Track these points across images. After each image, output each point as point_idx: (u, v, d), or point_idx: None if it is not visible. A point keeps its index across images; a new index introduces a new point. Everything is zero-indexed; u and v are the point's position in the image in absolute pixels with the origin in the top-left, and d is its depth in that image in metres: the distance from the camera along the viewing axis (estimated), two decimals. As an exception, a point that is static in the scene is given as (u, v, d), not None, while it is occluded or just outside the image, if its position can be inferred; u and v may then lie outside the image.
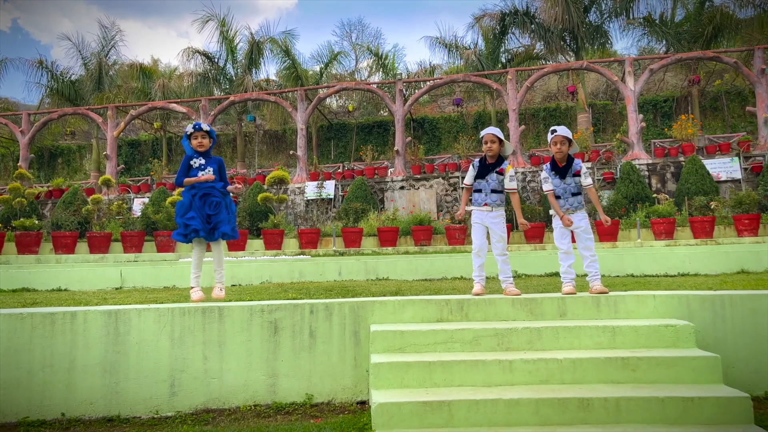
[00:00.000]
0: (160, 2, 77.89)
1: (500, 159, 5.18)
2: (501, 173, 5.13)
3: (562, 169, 5.07)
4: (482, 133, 5.21)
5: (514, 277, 8.27)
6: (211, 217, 4.98)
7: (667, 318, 4.42)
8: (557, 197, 5.08)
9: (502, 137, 5.17)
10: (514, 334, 4.16)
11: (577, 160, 5.11)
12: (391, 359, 3.91)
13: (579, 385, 3.73)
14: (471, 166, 5.27)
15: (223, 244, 5.34)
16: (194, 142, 5.22)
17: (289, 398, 4.45)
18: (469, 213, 5.25)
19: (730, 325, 4.36)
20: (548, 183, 5.11)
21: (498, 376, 3.81)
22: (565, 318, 4.52)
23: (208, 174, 5.13)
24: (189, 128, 5.26)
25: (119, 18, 69.55)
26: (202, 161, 5.20)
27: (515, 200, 5.35)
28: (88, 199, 17.51)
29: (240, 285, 8.14)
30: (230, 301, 5.22)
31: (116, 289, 7.96)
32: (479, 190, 5.13)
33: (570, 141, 5.06)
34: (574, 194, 5.05)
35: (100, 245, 14.73)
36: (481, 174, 5.16)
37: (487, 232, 5.15)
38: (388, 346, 4.15)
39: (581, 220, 5.00)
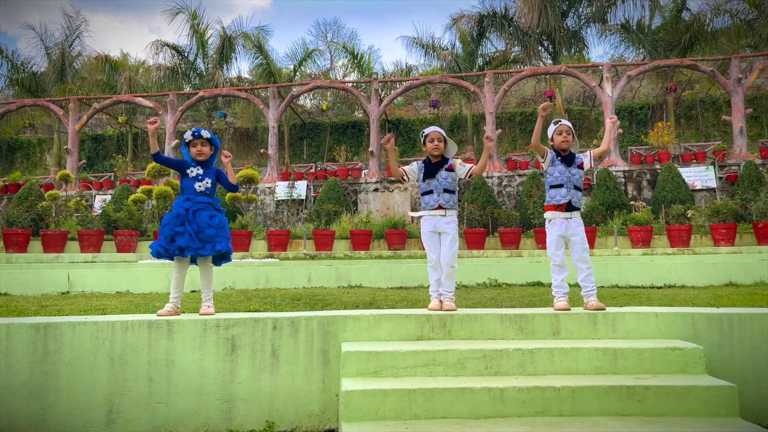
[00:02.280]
0: (131, -5, 76.02)
1: (444, 159, 4.68)
2: (451, 169, 4.62)
3: (567, 157, 4.62)
4: (427, 130, 4.68)
5: (493, 285, 7.86)
6: (206, 230, 4.34)
7: (670, 338, 3.99)
8: (559, 185, 4.58)
9: (447, 137, 4.71)
10: (504, 356, 3.68)
11: (578, 154, 4.70)
12: (365, 386, 3.38)
13: (579, 418, 3.26)
14: (415, 163, 4.73)
15: (212, 264, 4.61)
16: (193, 150, 4.56)
17: (246, 426, 3.89)
18: (418, 219, 4.74)
19: (739, 348, 3.96)
20: (549, 155, 4.67)
21: (487, 406, 3.32)
22: (559, 337, 4.06)
23: (203, 186, 4.49)
24: (188, 135, 4.59)
25: (89, 11, 67.54)
26: (200, 171, 4.54)
27: (480, 165, 4.75)
28: (45, 195, 16.59)
29: (200, 291, 7.51)
30: (184, 312, 4.64)
31: (62, 294, 7.27)
32: (429, 192, 4.60)
33: (573, 134, 4.65)
34: (576, 188, 4.57)
35: (54, 244, 13.87)
36: (429, 173, 4.62)
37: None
38: (362, 369, 3.63)
39: (580, 227, 4.53)
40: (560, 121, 4.73)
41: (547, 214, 4.65)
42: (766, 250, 11.67)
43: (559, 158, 4.63)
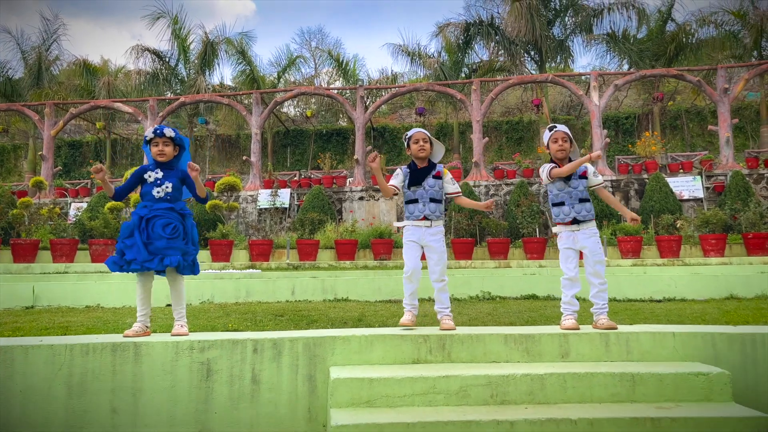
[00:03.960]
0: (113, 3, 75.15)
1: (431, 163, 4.28)
2: (438, 176, 4.24)
3: None
4: (410, 132, 4.31)
5: (487, 299, 7.50)
6: (156, 241, 3.87)
7: (689, 360, 3.66)
8: (560, 203, 4.23)
9: (432, 138, 4.31)
10: (511, 382, 3.31)
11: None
12: (357, 419, 2.99)
13: (600, 455, 2.90)
14: (399, 169, 4.30)
15: (183, 277, 4.11)
16: (154, 150, 4.11)
17: (223, 461, 3.47)
18: (400, 228, 4.34)
19: (764, 371, 3.64)
20: (547, 171, 4.24)
21: (496, 441, 2.94)
22: (569, 359, 3.70)
23: (162, 191, 4.02)
24: (148, 133, 4.12)
25: (70, 17, 66.51)
26: (159, 175, 4.07)
27: (465, 201, 4.42)
28: (17, 203, 15.95)
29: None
30: (155, 332, 4.22)
31: (26, 309, 6.77)
32: (414, 200, 4.21)
33: (572, 140, 4.27)
34: (582, 200, 4.17)
35: (25, 254, 13.26)
36: (414, 180, 4.22)
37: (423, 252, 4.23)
38: (353, 398, 3.23)
39: (590, 238, 4.17)
40: (555, 126, 4.29)
41: (554, 229, 4.31)
42: (757, 261, 11.51)
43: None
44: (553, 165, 4.23)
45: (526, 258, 14.00)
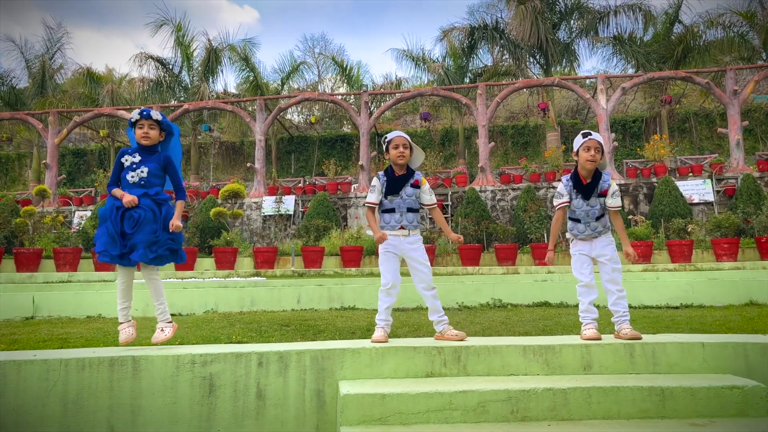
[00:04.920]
0: (117, 13, 75.51)
1: (410, 170, 4.06)
2: (417, 186, 4.04)
3: (587, 187, 3.98)
4: (390, 135, 4.05)
5: (499, 307, 7.30)
6: (129, 235, 3.69)
7: (720, 372, 3.46)
8: (576, 220, 4.04)
9: (412, 143, 4.08)
10: (532, 397, 3.11)
11: (605, 176, 4.02)
12: (369, 439, 2.80)
13: (631, 476, 2.69)
14: (375, 179, 4.07)
15: (158, 269, 3.94)
16: (138, 132, 3.88)
17: (227, 482, 3.28)
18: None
19: (800, 383, 3.42)
20: (563, 197, 4.06)
21: (518, 462, 2.74)
22: (591, 372, 3.50)
23: (136, 176, 3.82)
24: (134, 114, 3.90)
25: (75, 27, 66.82)
26: (136, 159, 3.85)
27: (439, 215, 4.18)
28: (20, 211, 15.84)
29: (180, 315, 6.89)
30: (155, 345, 4.03)
31: (26, 319, 6.60)
32: (391, 210, 4.00)
33: (603, 151, 4.01)
34: (598, 218, 3.99)
35: (28, 263, 13.13)
36: (392, 189, 4.01)
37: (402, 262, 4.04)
38: (365, 415, 3.04)
39: (606, 247, 3.97)
40: (590, 134, 4.00)
41: (568, 234, 4.12)
42: (772, 265, 11.25)
43: (575, 190, 4.00)
44: (564, 201, 4.02)
45: (534, 264, 13.79)
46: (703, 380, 3.24)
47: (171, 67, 23.35)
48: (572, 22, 21.47)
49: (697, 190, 16.59)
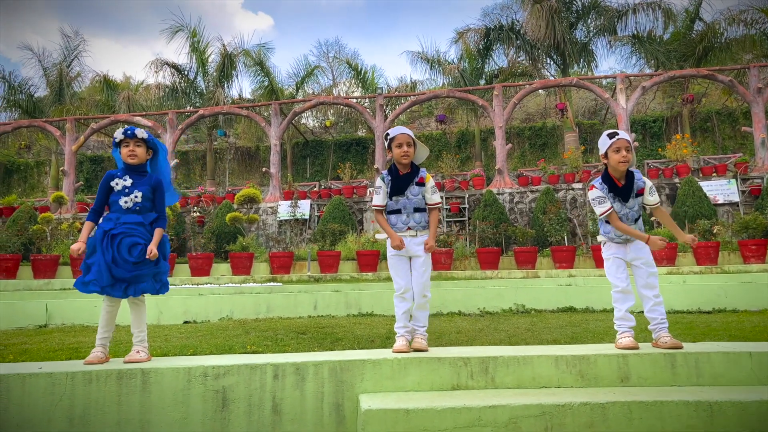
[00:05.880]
0: (134, 22, 76.38)
1: (414, 168, 3.84)
2: (422, 183, 3.83)
3: (624, 189, 3.71)
4: (392, 132, 3.80)
5: (522, 312, 7.05)
6: (127, 265, 3.44)
7: (769, 384, 3.20)
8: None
9: (416, 139, 3.83)
10: (568, 412, 2.88)
11: (637, 175, 3.77)
12: (393, 459, 2.59)
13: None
14: (380, 180, 3.86)
15: (143, 298, 3.68)
16: (124, 151, 3.64)
17: (241, 501, 3.09)
18: (381, 240, 3.86)
19: None
20: (605, 203, 3.70)
21: (555, 485, 2.52)
22: (629, 384, 3.26)
23: (130, 201, 3.56)
24: (118, 134, 3.66)
25: (92, 36, 67.67)
26: (128, 182, 3.60)
27: (436, 217, 3.89)
28: (38, 218, 15.89)
29: (194, 322, 6.75)
30: (165, 355, 3.87)
31: (39, 327, 6.49)
32: (397, 211, 3.82)
33: (633, 151, 3.75)
34: (636, 219, 3.77)
35: (45, 269, 13.14)
36: (397, 189, 3.81)
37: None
38: (388, 432, 2.84)
39: (641, 250, 3.72)
40: (617, 133, 3.72)
41: (602, 237, 3.87)
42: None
43: (611, 194, 3.74)
44: (609, 207, 3.71)
45: (554, 267, 13.50)
46: (753, 393, 2.99)
47: (186, 73, 23.42)
48: (590, 21, 21.15)
49: (721, 190, 16.16)
